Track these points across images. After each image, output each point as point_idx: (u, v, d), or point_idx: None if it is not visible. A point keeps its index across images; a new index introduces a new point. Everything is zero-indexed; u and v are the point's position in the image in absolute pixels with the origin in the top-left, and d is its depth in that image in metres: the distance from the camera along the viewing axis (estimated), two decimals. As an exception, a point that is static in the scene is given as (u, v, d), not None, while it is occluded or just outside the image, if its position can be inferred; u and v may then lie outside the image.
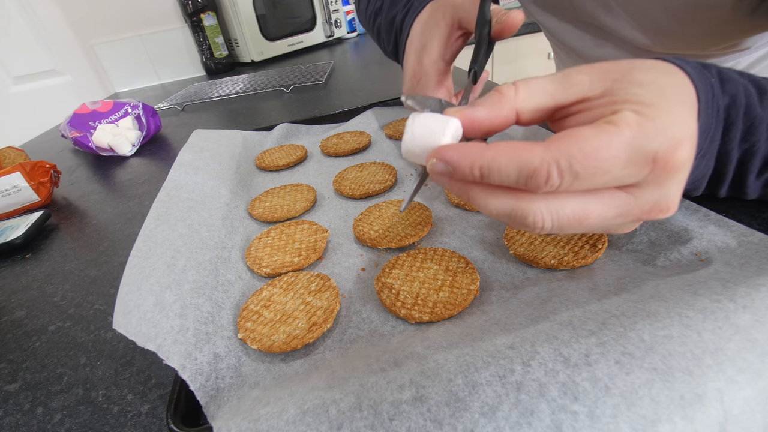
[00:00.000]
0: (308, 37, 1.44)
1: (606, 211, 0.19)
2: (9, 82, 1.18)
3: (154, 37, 1.37)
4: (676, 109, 0.18)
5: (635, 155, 0.17)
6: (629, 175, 0.18)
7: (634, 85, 0.19)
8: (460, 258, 0.32)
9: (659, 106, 0.18)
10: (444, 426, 0.17)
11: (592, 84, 0.20)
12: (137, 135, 0.77)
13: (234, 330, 0.29)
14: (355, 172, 0.48)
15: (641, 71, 0.20)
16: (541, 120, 0.22)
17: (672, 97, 0.19)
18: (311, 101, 0.87)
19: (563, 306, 0.24)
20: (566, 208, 0.19)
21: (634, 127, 0.17)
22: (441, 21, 0.36)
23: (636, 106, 0.18)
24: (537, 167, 0.17)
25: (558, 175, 0.17)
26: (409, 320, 0.27)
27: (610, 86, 0.20)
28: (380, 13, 0.50)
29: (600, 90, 0.20)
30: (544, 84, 0.21)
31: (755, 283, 0.21)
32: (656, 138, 0.17)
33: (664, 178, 0.18)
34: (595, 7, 0.48)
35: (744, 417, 0.16)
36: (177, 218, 0.38)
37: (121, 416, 0.26)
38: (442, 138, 0.21)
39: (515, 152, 0.18)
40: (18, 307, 0.38)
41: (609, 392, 0.16)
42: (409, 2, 0.44)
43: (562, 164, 0.17)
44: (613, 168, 0.17)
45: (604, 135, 0.17)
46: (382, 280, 0.31)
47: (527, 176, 0.18)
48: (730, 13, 0.38)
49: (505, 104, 0.21)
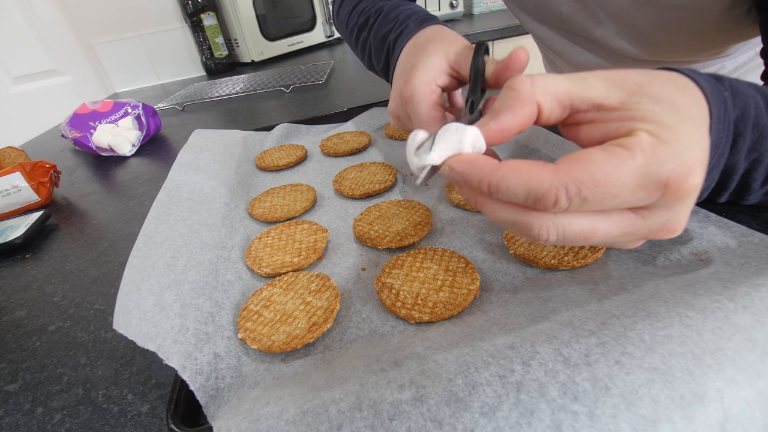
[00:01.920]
0: (308, 37, 1.44)
1: (613, 230, 0.19)
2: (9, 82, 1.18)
3: (154, 37, 1.37)
4: (689, 131, 0.18)
5: (646, 181, 0.17)
6: (639, 200, 0.18)
7: (650, 101, 0.19)
8: (460, 258, 0.32)
9: (674, 128, 0.18)
10: (444, 426, 0.17)
11: (609, 91, 0.20)
12: (137, 135, 0.77)
13: (234, 330, 0.29)
14: (355, 172, 0.48)
15: (658, 85, 0.19)
16: (559, 118, 0.21)
17: (686, 115, 0.19)
18: (311, 101, 0.87)
19: (563, 306, 0.24)
20: (574, 225, 0.19)
21: (648, 152, 0.17)
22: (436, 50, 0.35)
23: (651, 126, 0.18)
24: (546, 191, 0.17)
25: (566, 199, 0.17)
26: (409, 320, 0.27)
27: (626, 99, 0.19)
28: (366, 29, 0.49)
29: (617, 101, 0.19)
30: (560, 79, 0.21)
31: (755, 283, 0.21)
32: (669, 163, 0.17)
33: (675, 201, 0.18)
34: (584, 20, 0.48)
35: (744, 417, 0.16)
36: (177, 218, 0.38)
37: (121, 416, 0.26)
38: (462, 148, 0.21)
39: (524, 174, 0.18)
40: (18, 307, 0.38)
41: (609, 392, 0.16)
42: (403, 23, 0.43)
43: (570, 190, 0.17)
44: (623, 194, 0.17)
45: (616, 160, 0.17)
46: (382, 280, 0.31)
47: (535, 199, 0.18)
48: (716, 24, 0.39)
49: (526, 100, 0.20)
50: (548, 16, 0.53)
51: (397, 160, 0.51)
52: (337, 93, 0.90)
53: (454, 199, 0.40)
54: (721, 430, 0.16)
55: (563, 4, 0.49)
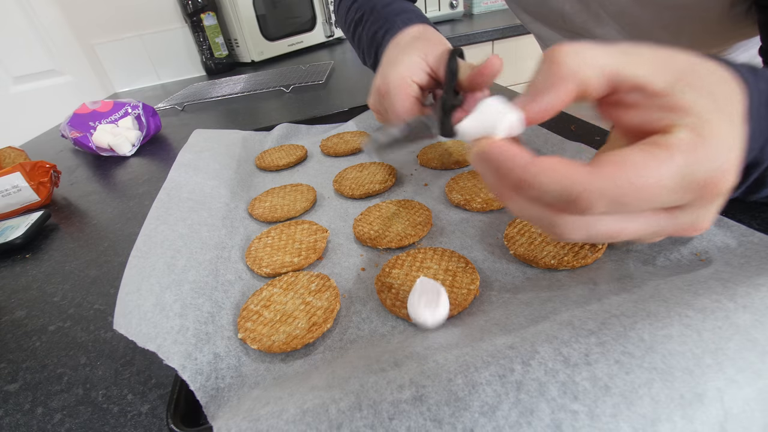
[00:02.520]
0: (308, 37, 1.44)
1: (642, 229, 0.18)
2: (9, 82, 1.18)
3: (154, 37, 1.37)
4: (728, 130, 0.18)
5: (685, 182, 0.17)
6: (675, 201, 0.17)
7: (694, 91, 0.18)
8: (460, 258, 0.32)
9: (714, 125, 0.17)
10: (444, 425, 0.17)
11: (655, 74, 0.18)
12: (137, 135, 0.77)
13: (234, 330, 0.29)
14: (355, 172, 0.48)
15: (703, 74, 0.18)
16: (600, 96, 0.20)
17: (726, 110, 0.18)
18: (311, 101, 0.87)
19: (563, 306, 0.24)
20: (602, 226, 0.18)
21: (687, 151, 0.16)
22: (417, 48, 0.36)
23: (692, 120, 0.17)
24: (580, 194, 0.16)
25: (603, 204, 0.17)
26: (408, 320, 0.27)
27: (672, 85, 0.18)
28: (360, 24, 0.51)
29: (661, 85, 0.18)
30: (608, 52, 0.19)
31: (755, 282, 0.21)
32: (708, 164, 0.17)
33: (708, 201, 0.18)
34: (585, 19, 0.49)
35: (744, 416, 0.16)
36: (177, 218, 0.38)
37: (121, 416, 0.26)
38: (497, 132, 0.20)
39: (559, 175, 0.17)
40: (18, 307, 0.38)
41: (609, 391, 0.16)
42: (392, 21, 0.44)
43: (608, 194, 0.16)
44: (660, 197, 0.17)
45: (655, 162, 0.16)
46: (382, 280, 0.31)
47: (568, 201, 0.17)
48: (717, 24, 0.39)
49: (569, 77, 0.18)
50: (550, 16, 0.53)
51: (397, 161, 0.51)
52: (337, 93, 0.90)
53: (454, 199, 0.40)
54: (720, 429, 0.16)
55: (565, 4, 0.49)
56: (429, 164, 0.48)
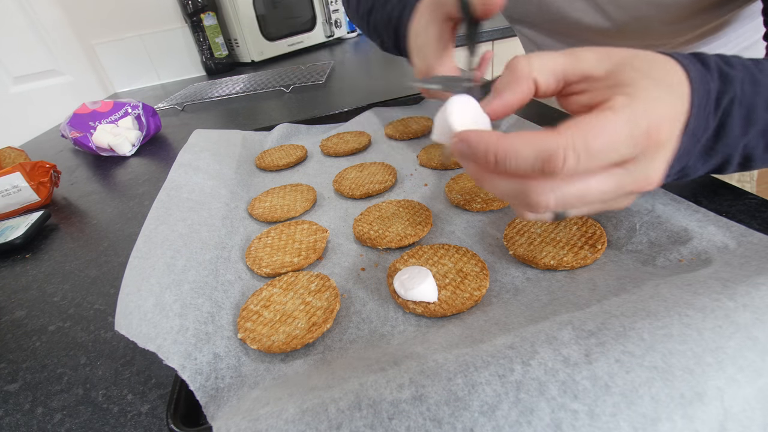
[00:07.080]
0: (308, 37, 1.44)
1: (605, 185, 0.20)
2: (9, 82, 1.18)
3: (154, 37, 1.37)
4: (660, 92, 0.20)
5: (635, 130, 0.19)
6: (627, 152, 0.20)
7: (634, 71, 0.21)
8: (479, 261, 0.31)
9: (650, 89, 0.20)
10: (443, 425, 0.17)
11: (598, 62, 0.22)
12: (137, 135, 0.77)
13: (234, 330, 0.29)
14: (355, 172, 0.48)
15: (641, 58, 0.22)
16: (555, 91, 0.24)
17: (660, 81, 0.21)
18: (311, 101, 0.87)
19: (563, 307, 0.24)
20: (570, 187, 0.20)
21: (627, 108, 0.19)
22: (432, 22, 0.38)
23: (630, 89, 0.20)
24: (554, 150, 0.18)
25: (574, 156, 0.18)
26: (405, 309, 0.28)
27: (612, 68, 0.21)
28: (373, 12, 0.51)
29: (604, 70, 0.22)
30: (554, 56, 0.23)
31: (755, 282, 0.21)
32: (647, 117, 0.19)
33: (653, 151, 0.20)
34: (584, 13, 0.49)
35: (744, 415, 0.16)
36: (177, 218, 0.38)
37: (121, 416, 0.26)
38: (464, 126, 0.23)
39: (532, 138, 0.19)
40: (18, 307, 0.38)
41: (609, 391, 0.16)
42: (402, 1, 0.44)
43: (578, 146, 0.18)
44: (621, 143, 0.19)
45: (609, 116, 0.19)
46: (397, 265, 0.32)
47: (544, 160, 0.19)
48: None
49: (523, 78, 0.23)
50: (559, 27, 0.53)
51: (397, 160, 0.51)
52: (337, 93, 0.90)
53: (454, 200, 0.40)
54: (721, 428, 0.16)
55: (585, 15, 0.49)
56: (429, 164, 0.48)
